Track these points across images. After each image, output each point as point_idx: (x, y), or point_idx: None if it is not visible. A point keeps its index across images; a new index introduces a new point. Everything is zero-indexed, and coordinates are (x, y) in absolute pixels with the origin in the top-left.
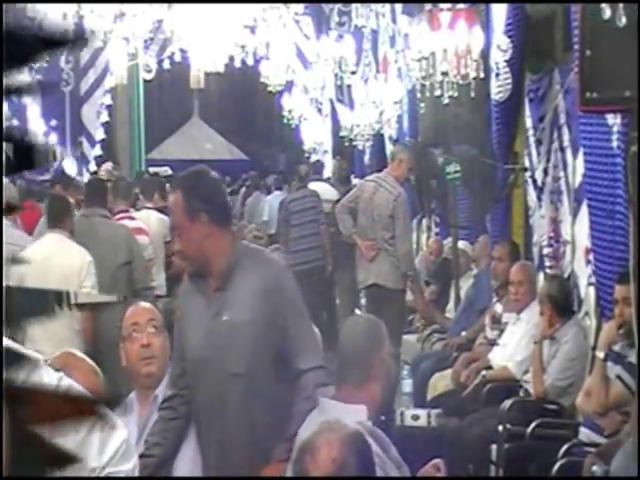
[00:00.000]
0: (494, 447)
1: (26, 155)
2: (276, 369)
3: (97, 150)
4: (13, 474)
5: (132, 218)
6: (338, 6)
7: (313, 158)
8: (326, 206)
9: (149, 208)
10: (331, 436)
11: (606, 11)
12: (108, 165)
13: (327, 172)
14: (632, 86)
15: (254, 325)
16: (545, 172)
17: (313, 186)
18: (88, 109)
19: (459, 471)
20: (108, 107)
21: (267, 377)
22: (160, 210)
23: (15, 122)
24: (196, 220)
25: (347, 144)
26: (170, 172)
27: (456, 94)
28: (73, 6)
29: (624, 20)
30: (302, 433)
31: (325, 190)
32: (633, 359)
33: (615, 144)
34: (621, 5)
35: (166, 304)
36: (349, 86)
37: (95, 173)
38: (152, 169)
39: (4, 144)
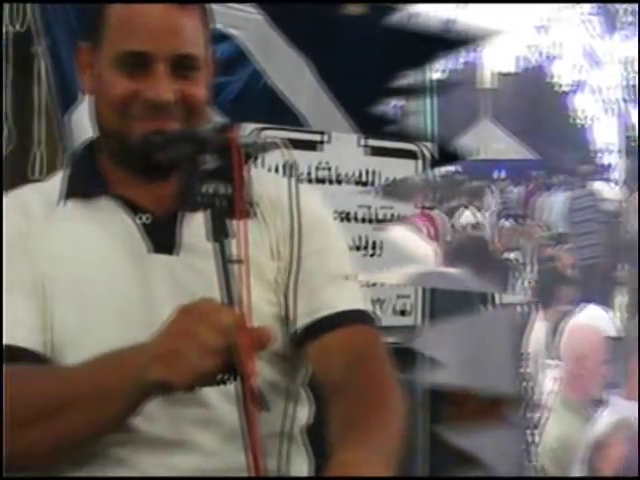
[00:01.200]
0: None
1: (449, 151)
2: None
3: None
4: (426, 473)
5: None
6: (626, 6)
7: (602, 158)
8: (609, 205)
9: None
10: (624, 434)
11: None
12: None
13: (617, 172)
14: None
15: None
16: None
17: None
18: None
19: None
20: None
21: None
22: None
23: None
24: None
25: (634, 144)
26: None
27: None
28: None
29: None
30: (594, 431)
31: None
32: None
33: None
34: None
35: None
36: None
37: None
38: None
39: (431, 144)
